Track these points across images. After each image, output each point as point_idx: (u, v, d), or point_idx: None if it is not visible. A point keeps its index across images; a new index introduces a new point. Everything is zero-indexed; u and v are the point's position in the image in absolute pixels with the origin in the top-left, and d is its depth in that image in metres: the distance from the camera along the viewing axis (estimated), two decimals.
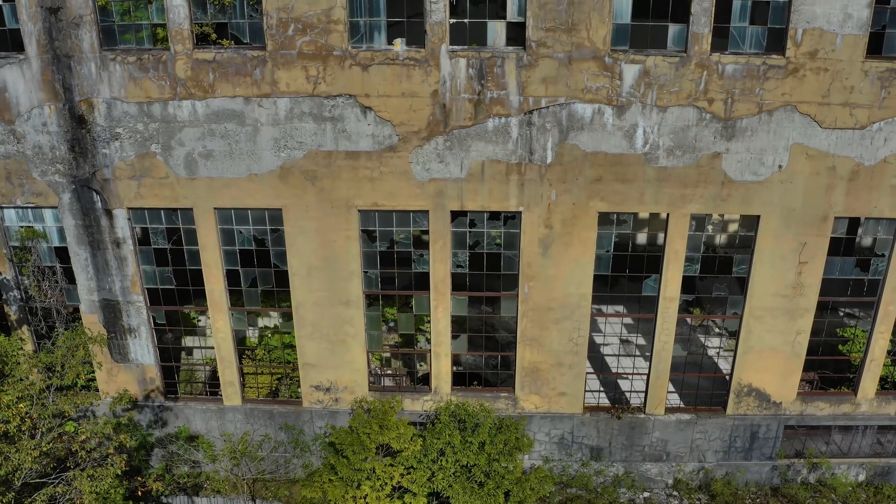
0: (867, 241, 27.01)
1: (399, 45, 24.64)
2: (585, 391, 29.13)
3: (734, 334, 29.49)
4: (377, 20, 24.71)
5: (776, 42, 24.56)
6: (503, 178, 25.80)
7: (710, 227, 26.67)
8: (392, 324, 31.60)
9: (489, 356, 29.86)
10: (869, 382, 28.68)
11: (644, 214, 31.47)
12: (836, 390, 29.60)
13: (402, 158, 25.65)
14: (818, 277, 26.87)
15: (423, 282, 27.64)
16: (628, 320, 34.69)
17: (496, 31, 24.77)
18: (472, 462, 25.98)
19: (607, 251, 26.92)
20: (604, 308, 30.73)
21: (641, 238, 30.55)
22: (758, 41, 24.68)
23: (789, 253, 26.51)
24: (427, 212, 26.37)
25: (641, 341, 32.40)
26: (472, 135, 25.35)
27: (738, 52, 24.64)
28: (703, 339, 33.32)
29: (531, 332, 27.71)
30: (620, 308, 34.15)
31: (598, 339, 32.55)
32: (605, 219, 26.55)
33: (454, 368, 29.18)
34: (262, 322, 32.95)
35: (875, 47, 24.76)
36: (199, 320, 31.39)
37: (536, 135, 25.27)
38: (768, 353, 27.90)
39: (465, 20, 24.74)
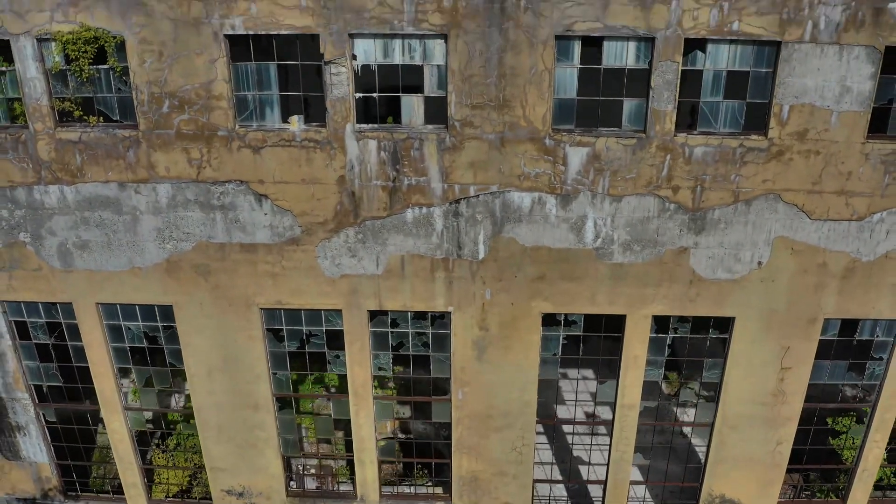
0: (863, 342, 20.78)
1: (296, 123, 18.55)
2: (535, 485, 23.39)
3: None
4: (269, 94, 18.59)
5: (757, 120, 18.22)
6: (428, 276, 19.80)
7: (675, 329, 20.57)
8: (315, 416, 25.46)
9: (422, 461, 23.95)
10: (860, 493, 22.62)
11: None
12: (822, 498, 23.57)
13: (308, 252, 19.69)
14: (804, 384, 20.79)
15: (342, 383, 21.91)
16: (592, 384, 28.60)
17: (412, 107, 18.56)
18: None
19: (554, 355, 20.93)
20: (560, 397, 24.76)
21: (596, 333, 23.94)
22: (734, 119, 18.35)
23: (770, 358, 20.43)
24: (340, 311, 20.49)
25: (608, 415, 26.39)
26: (388, 226, 19.32)
27: (710, 132, 18.35)
28: (674, 412, 27.26)
29: (468, 439, 21.88)
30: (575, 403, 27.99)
31: (560, 411, 26.60)
32: (550, 318, 20.53)
33: (383, 473, 23.46)
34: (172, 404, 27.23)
35: (879, 125, 18.39)
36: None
37: (465, 227, 19.21)
38: (744, 463, 21.93)
39: (374, 94, 18.54)
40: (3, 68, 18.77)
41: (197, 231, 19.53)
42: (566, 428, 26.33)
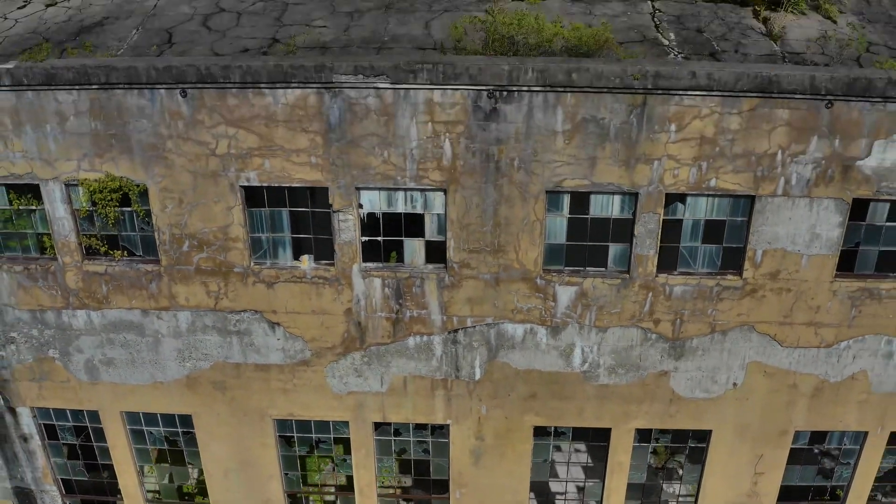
0: (831, 450, 22.56)
1: (306, 261, 20.17)
2: None
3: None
4: (281, 236, 20.20)
5: (732, 261, 19.82)
6: (428, 393, 21.51)
7: (657, 440, 22.34)
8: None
9: None
10: None
11: None
12: None
13: (317, 372, 21.39)
14: (776, 486, 22.56)
15: (348, 482, 23.71)
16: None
17: (414, 249, 20.15)
18: None
19: (545, 460, 22.73)
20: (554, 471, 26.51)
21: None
22: (711, 260, 19.94)
23: (744, 464, 22.19)
24: (347, 422, 22.26)
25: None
26: (391, 351, 21.01)
27: (689, 273, 19.96)
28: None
29: None
30: None
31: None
32: (542, 430, 22.30)
33: None
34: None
35: (846, 264, 19.99)
36: None
37: (463, 353, 20.89)
38: None
39: (379, 238, 20.13)
40: (33, 207, 20.27)
41: (215, 352, 21.19)
42: None
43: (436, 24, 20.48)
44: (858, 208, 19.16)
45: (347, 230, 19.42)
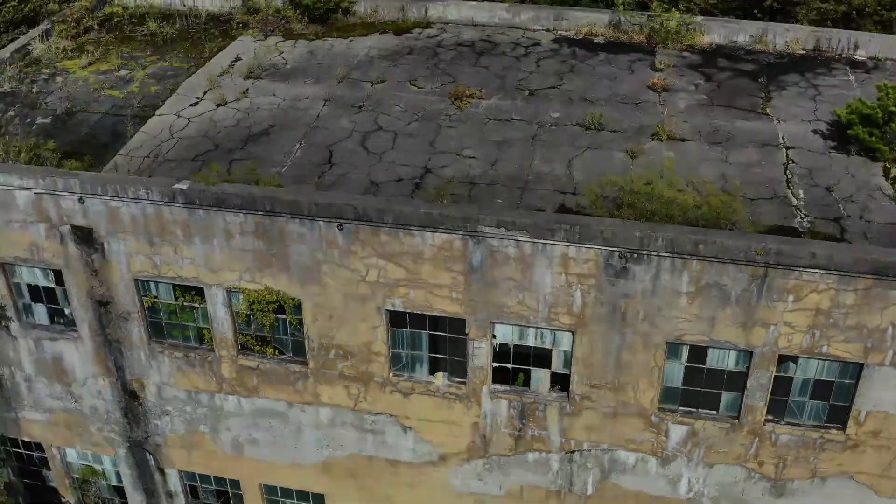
0: None
1: (441, 378, 22.41)
2: None
3: None
4: (419, 354, 22.49)
5: (837, 417, 21.33)
6: (542, 501, 23.71)
7: None
8: None
9: None
10: None
11: None
12: None
13: (442, 472, 23.67)
14: None
15: None
16: None
17: (539, 377, 22.24)
18: None
19: None
20: None
21: None
22: (817, 415, 21.54)
23: None
24: None
25: None
26: (511, 462, 23.15)
27: (795, 424, 21.58)
28: None
29: None
30: None
31: None
32: None
33: None
34: None
35: None
36: None
37: (577, 471, 22.92)
38: None
39: (508, 365, 22.27)
40: (196, 305, 22.91)
41: (350, 445, 23.66)
42: None
43: (577, 164, 22.32)
44: None
45: (480, 356, 21.55)
